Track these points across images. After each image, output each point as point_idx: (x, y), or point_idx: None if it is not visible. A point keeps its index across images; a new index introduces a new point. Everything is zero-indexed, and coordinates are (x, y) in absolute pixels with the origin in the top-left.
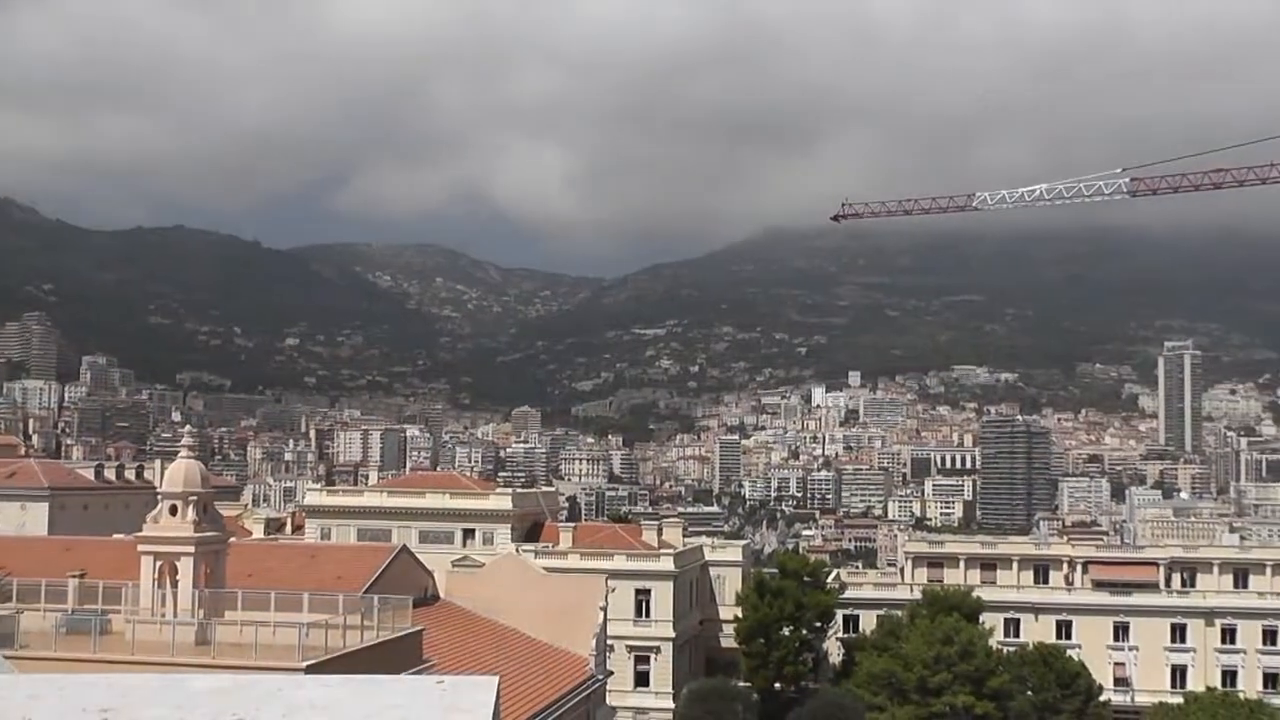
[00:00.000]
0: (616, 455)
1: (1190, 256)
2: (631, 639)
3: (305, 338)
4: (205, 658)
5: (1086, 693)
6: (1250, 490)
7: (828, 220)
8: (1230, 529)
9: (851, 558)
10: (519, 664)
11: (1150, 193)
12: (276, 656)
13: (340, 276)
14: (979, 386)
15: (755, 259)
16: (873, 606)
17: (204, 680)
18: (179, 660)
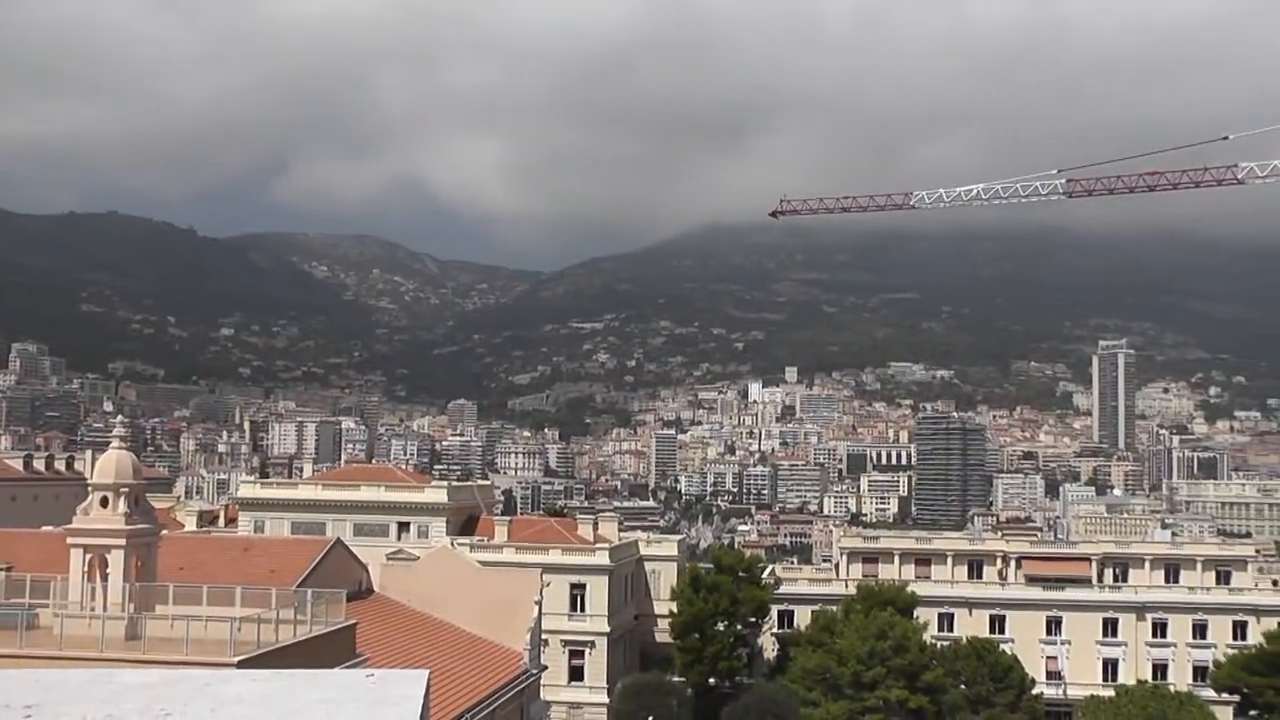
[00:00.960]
0: (553, 449)
1: (1125, 257)
2: (566, 633)
3: (240, 328)
4: (135, 653)
5: (1019, 686)
6: (1182, 487)
7: (766, 216)
8: (1162, 525)
9: (787, 553)
10: (453, 658)
11: (1086, 194)
12: (208, 651)
13: (276, 266)
14: (915, 383)
15: (693, 254)
16: (808, 602)
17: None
18: (108, 655)
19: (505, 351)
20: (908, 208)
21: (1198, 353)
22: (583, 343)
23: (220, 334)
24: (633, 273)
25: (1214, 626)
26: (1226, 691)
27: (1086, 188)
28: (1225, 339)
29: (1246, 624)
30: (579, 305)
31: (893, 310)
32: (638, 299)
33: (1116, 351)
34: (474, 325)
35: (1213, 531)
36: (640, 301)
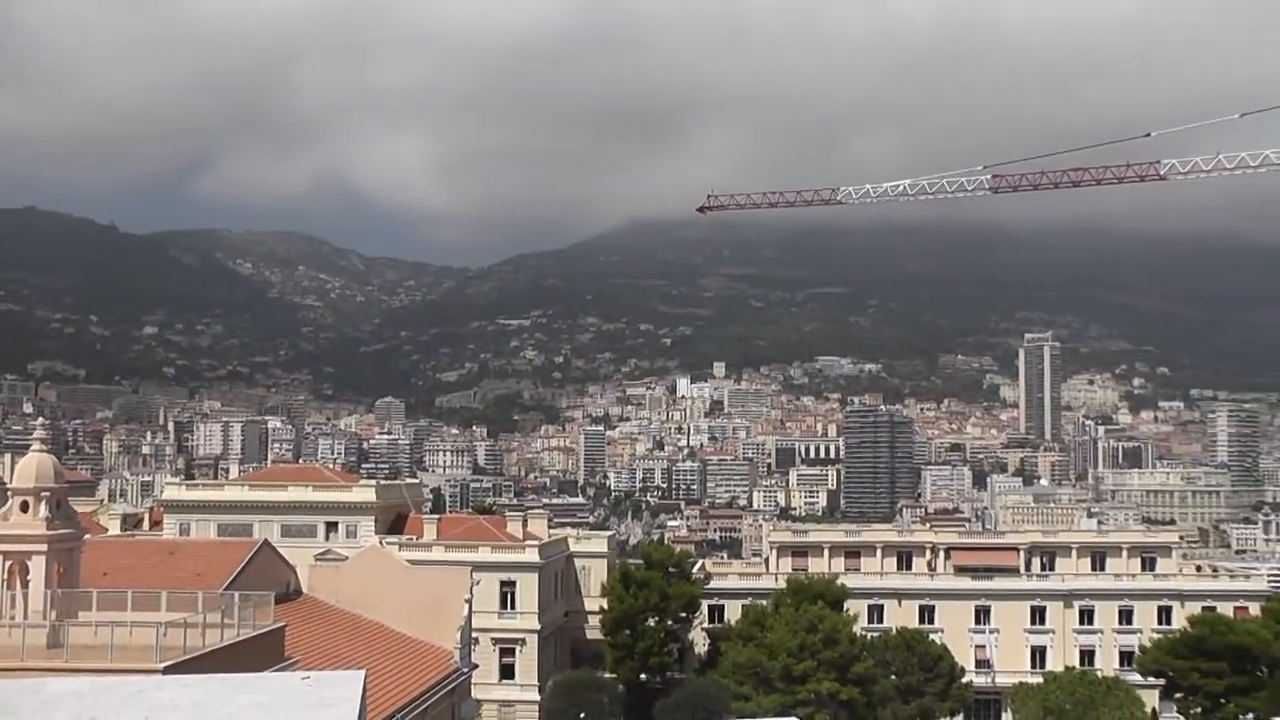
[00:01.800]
0: (481, 446)
1: (1050, 252)
2: (496, 631)
3: (164, 326)
4: (58, 661)
5: (949, 675)
6: (1107, 476)
7: (694, 212)
8: (1088, 514)
9: (716, 548)
10: (383, 658)
11: (1011, 190)
12: (133, 658)
13: (200, 263)
14: (843, 377)
15: (621, 250)
16: (738, 596)
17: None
18: (30, 665)
19: (432, 349)
20: (835, 203)
21: (1122, 345)
22: (510, 339)
23: (143, 333)
24: (560, 269)
25: (1139, 612)
26: (1152, 675)
27: (1012, 184)
28: (1149, 331)
29: (1171, 609)
30: (506, 302)
31: (820, 305)
32: (565, 295)
33: (1042, 344)
34: (401, 322)
35: (1138, 519)
36: (568, 298)
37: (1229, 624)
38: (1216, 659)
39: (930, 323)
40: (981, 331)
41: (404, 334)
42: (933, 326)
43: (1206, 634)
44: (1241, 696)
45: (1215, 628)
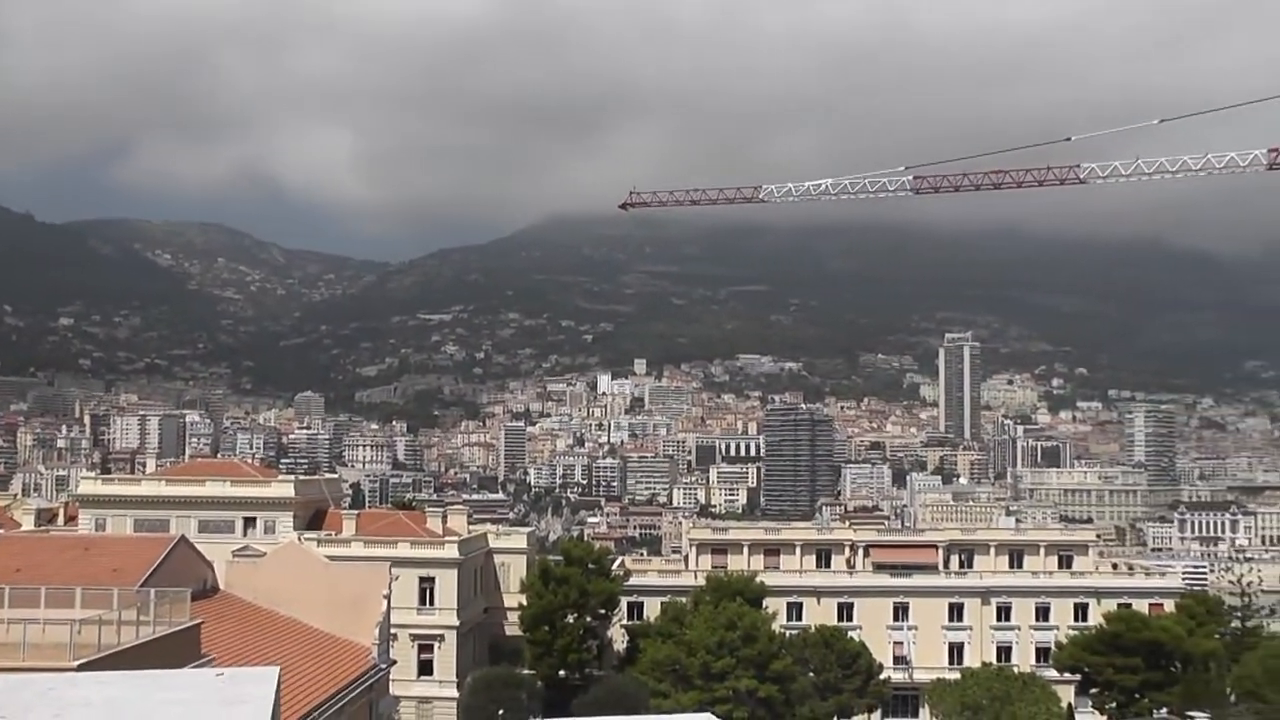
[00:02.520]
0: (401, 442)
1: (971, 252)
2: (415, 627)
3: (80, 317)
4: None
5: (867, 672)
6: (1026, 475)
7: (616, 208)
8: (1006, 512)
9: (636, 545)
10: (300, 655)
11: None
12: (46, 656)
13: (118, 254)
14: (764, 375)
15: (543, 246)
16: (657, 593)
17: None
18: None
19: (353, 343)
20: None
21: (1041, 345)
22: (431, 334)
23: (59, 324)
24: (482, 264)
25: (1056, 609)
26: (1068, 671)
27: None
28: (1068, 332)
29: (1087, 606)
30: (427, 297)
31: (742, 303)
32: (487, 291)
33: (962, 344)
34: (321, 316)
35: (1055, 518)
36: (489, 293)
37: (1144, 620)
38: (1131, 655)
39: (851, 322)
40: (902, 331)
41: (324, 328)
42: (854, 325)
43: (1122, 630)
44: (1155, 691)
45: (1130, 624)
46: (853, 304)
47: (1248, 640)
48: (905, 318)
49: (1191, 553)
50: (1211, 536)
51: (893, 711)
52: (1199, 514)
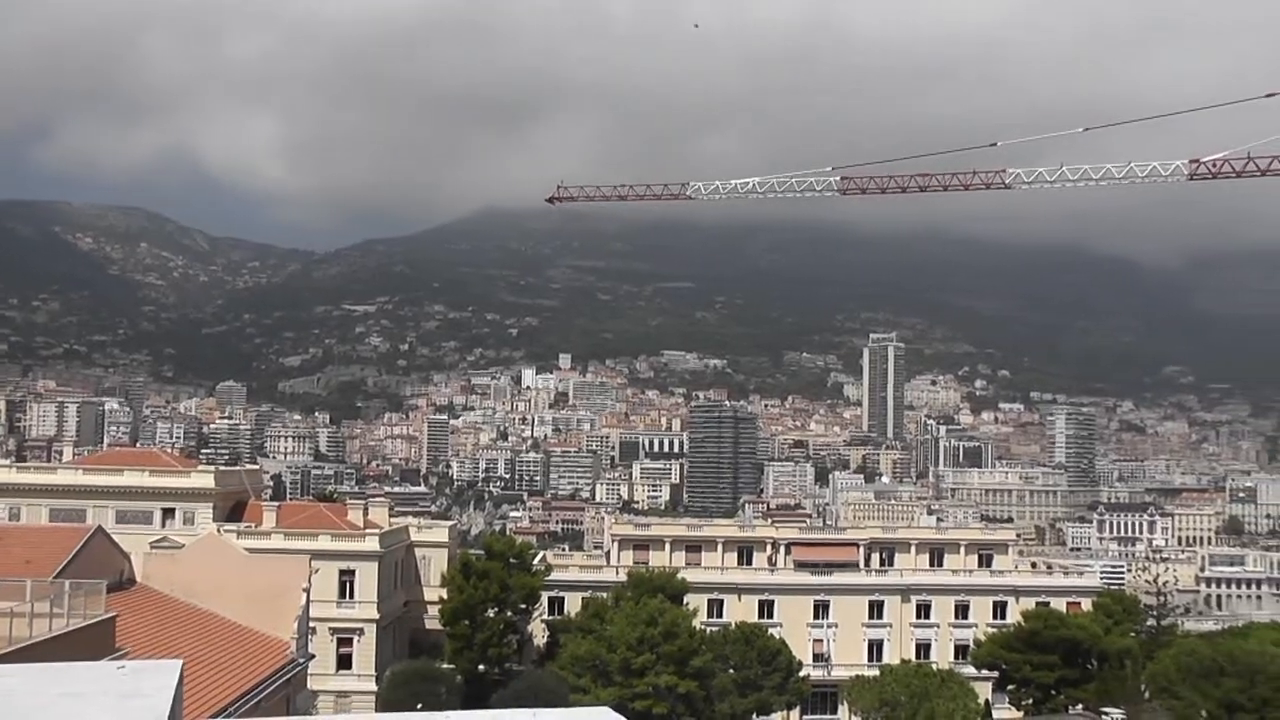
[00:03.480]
0: (323, 433)
1: (897, 254)
2: (334, 621)
3: None
4: None
5: (786, 669)
6: (948, 475)
7: (543, 202)
8: (928, 511)
9: (558, 540)
10: (218, 649)
11: (859, 192)
12: None
13: (37, 236)
14: (688, 372)
15: (469, 238)
16: (578, 588)
17: None
18: None
19: (276, 332)
20: (684, 198)
21: (964, 347)
22: (355, 325)
23: None
24: (408, 255)
25: (975, 607)
26: (986, 668)
27: (860, 186)
28: (991, 334)
29: (1006, 604)
30: (352, 287)
31: (667, 299)
32: (412, 282)
33: (886, 344)
34: (245, 304)
35: (976, 517)
36: (414, 285)
37: (1061, 618)
38: (1048, 652)
39: (776, 320)
40: (827, 330)
41: (248, 316)
42: (779, 324)
43: (1039, 628)
44: (1071, 688)
45: (1048, 622)
46: (778, 303)
47: (1162, 638)
48: (830, 317)
49: (1109, 552)
50: (1129, 537)
51: (812, 708)
52: (1117, 515)
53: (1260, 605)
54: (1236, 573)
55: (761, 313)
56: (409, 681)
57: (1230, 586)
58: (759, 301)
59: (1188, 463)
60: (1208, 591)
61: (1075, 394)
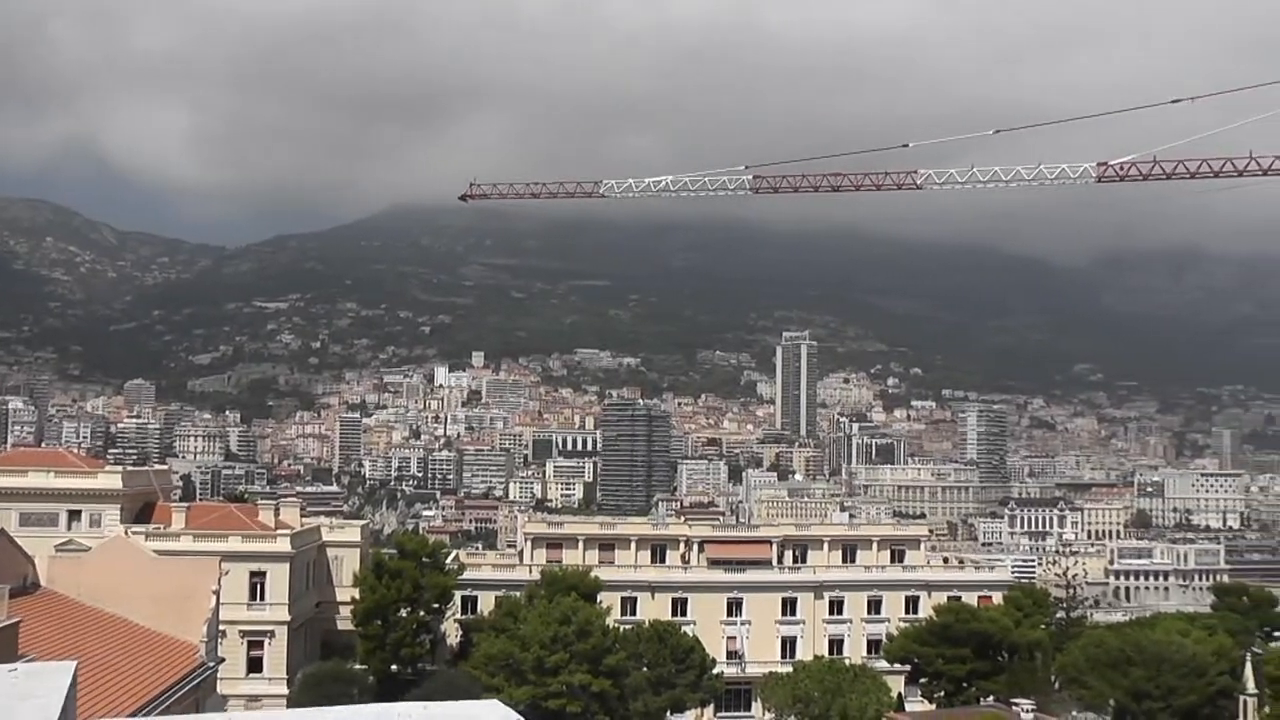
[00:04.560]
0: (234, 432)
1: (810, 253)
2: (245, 623)
3: None
4: None
5: (700, 666)
6: (860, 472)
7: (456, 199)
8: (841, 508)
9: (471, 539)
10: (125, 654)
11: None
12: None
13: None
14: (602, 370)
15: (382, 235)
16: (491, 587)
17: None
18: None
19: (186, 329)
20: (597, 196)
21: (877, 345)
22: (267, 322)
23: None
24: (320, 252)
25: (888, 602)
26: (899, 662)
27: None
28: (903, 333)
29: (918, 599)
30: (264, 284)
31: (581, 297)
32: (324, 279)
33: (800, 343)
34: (154, 301)
35: (889, 513)
36: (327, 281)
37: (972, 612)
38: (960, 645)
39: (690, 318)
40: (740, 328)
41: (157, 313)
42: (692, 322)
43: (951, 622)
44: (983, 680)
45: (959, 616)
46: (692, 301)
47: (1072, 630)
48: (744, 316)
49: (1020, 547)
50: (1040, 531)
51: (725, 706)
52: (1028, 510)
53: (1167, 596)
54: (1144, 565)
55: (675, 311)
56: (321, 683)
57: (1138, 578)
58: (673, 299)
59: (1097, 458)
60: (1116, 584)
61: (986, 391)
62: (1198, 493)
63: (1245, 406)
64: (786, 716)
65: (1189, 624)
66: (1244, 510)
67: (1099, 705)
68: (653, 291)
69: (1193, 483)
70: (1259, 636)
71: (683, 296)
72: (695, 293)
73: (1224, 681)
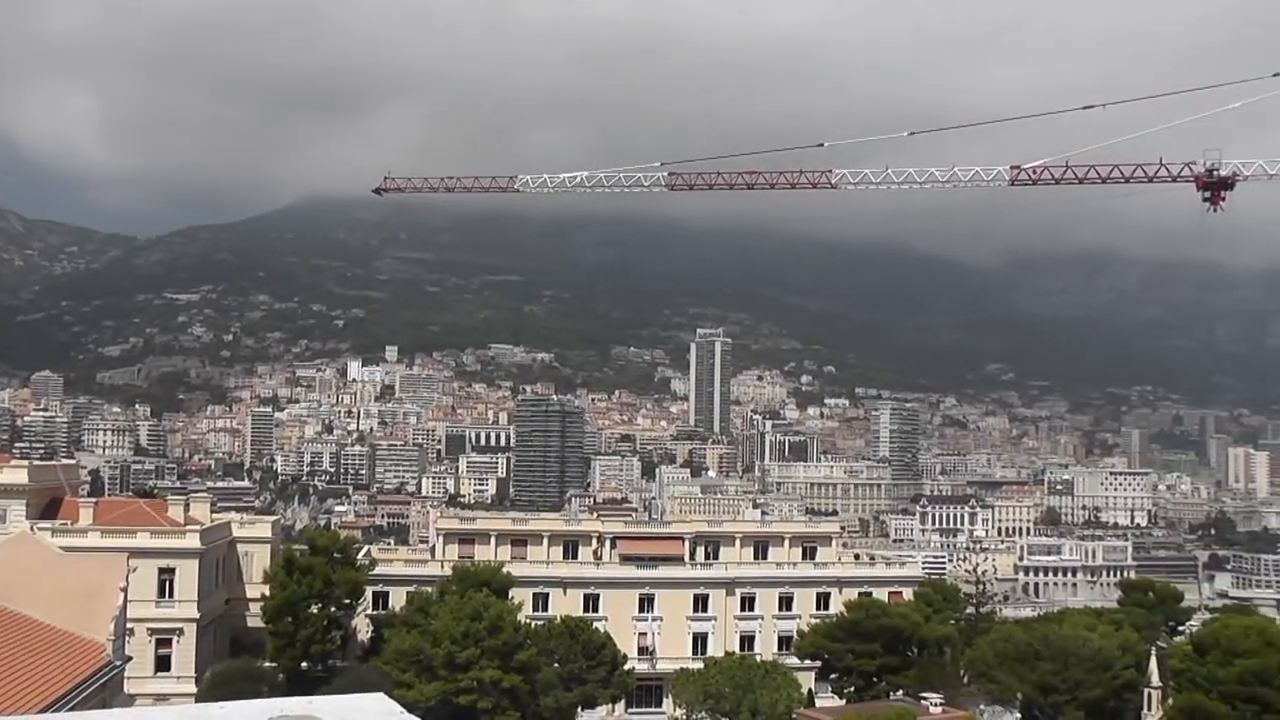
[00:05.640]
0: (144, 426)
1: (725, 250)
2: (153, 621)
3: None
4: None
5: (611, 663)
6: (773, 469)
7: (370, 192)
8: (753, 505)
9: (384, 534)
10: (29, 653)
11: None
12: None
13: None
14: (515, 365)
15: (296, 227)
16: (403, 583)
17: None
18: None
19: (95, 321)
20: (512, 191)
21: (791, 343)
22: (178, 314)
23: None
24: (232, 243)
25: (799, 598)
26: (810, 658)
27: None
28: (817, 331)
29: (830, 595)
30: (175, 275)
31: (495, 292)
32: (237, 271)
33: (714, 339)
34: (62, 291)
35: (801, 510)
36: (239, 274)
37: (883, 608)
38: (870, 641)
39: (605, 314)
40: (655, 325)
41: (65, 304)
42: (607, 318)
43: (862, 618)
44: (893, 675)
45: (870, 612)
46: (606, 297)
47: (981, 625)
48: (658, 312)
49: (932, 543)
50: (951, 528)
51: (636, 702)
52: (939, 507)
53: (1075, 592)
54: (1053, 561)
55: (590, 307)
56: (229, 681)
57: (1047, 574)
58: (587, 295)
59: (1008, 456)
60: (1026, 579)
61: (899, 390)
62: (1106, 491)
63: (1154, 407)
64: (697, 712)
65: (1096, 619)
66: (1151, 508)
67: (1007, 699)
68: (567, 287)
69: (1102, 481)
70: (1164, 631)
71: (597, 292)
72: (610, 289)
73: (1129, 675)
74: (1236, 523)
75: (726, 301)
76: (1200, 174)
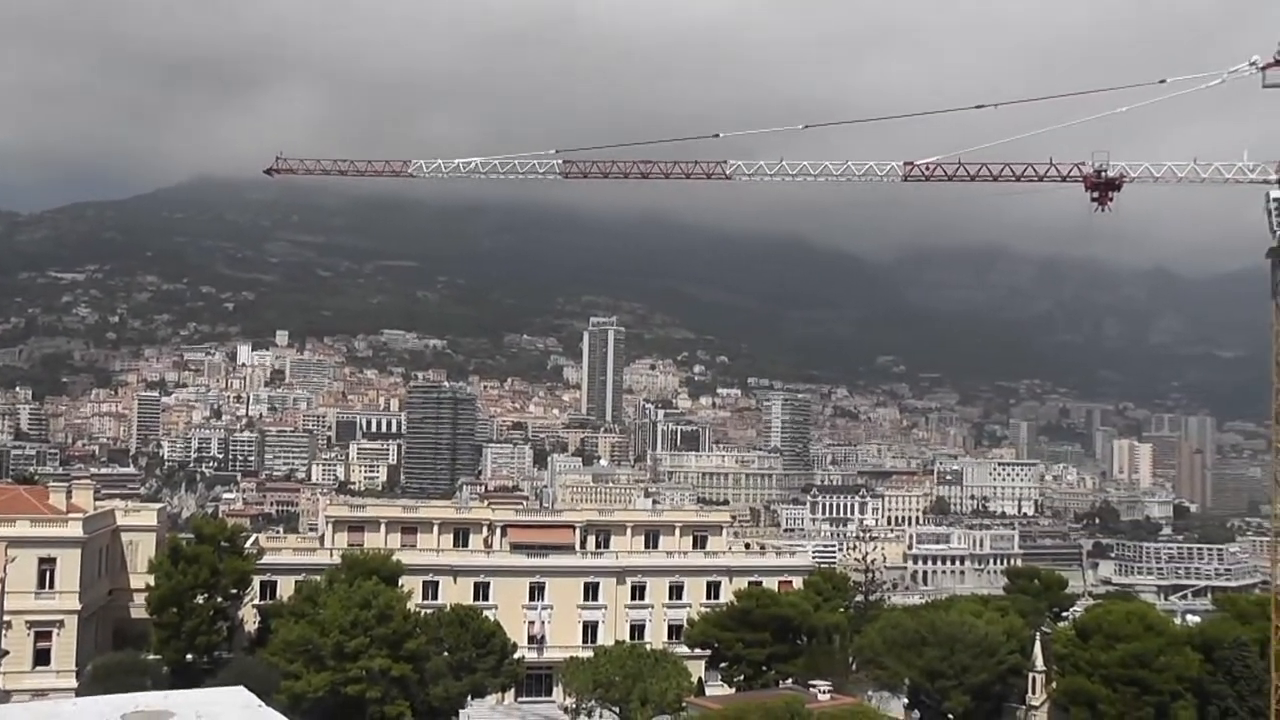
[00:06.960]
0: (25, 410)
1: (620, 239)
2: (32, 613)
3: None
4: None
5: (501, 651)
6: (665, 458)
7: (262, 173)
8: (645, 494)
9: (273, 522)
10: None
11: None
12: None
13: None
14: (407, 352)
15: (186, 206)
16: (291, 572)
17: None
18: None
19: None
20: (406, 175)
21: (684, 333)
22: (62, 294)
23: None
24: (120, 221)
25: (690, 587)
26: (699, 647)
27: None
28: (711, 321)
29: (720, 584)
30: (59, 253)
31: (388, 277)
32: (124, 250)
33: (607, 328)
34: None
35: (693, 500)
36: (127, 253)
37: (773, 597)
38: (760, 629)
39: (498, 302)
40: (548, 313)
41: None
42: (500, 305)
43: (752, 607)
44: (782, 663)
45: (760, 601)
46: (500, 284)
47: (870, 613)
48: (551, 300)
49: (822, 533)
50: (841, 518)
51: (526, 690)
52: (830, 496)
53: (963, 579)
54: (942, 550)
55: (483, 294)
56: (111, 675)
57: (936, 563)
58: (481, 282)
59: (898, 447)
60: (915, 568)
61: (792, 381)
62: (995, 481)
63: (1041, 400)
64: (587, 701)
65: (982, 606)
66: (1038, 498)
67: (895, 685)
68: (461, 274)
69: (990, 471)
70: (1049, 617)
71: (491, 279)
72: (504, 276)
73: (1014, 660)
74: (1120, 512)
75: (620, 291)
76: (1089, 174)
